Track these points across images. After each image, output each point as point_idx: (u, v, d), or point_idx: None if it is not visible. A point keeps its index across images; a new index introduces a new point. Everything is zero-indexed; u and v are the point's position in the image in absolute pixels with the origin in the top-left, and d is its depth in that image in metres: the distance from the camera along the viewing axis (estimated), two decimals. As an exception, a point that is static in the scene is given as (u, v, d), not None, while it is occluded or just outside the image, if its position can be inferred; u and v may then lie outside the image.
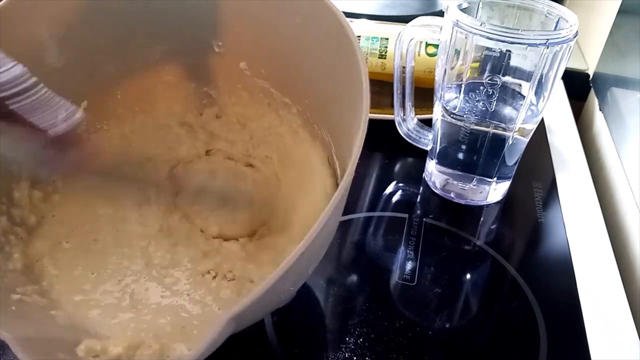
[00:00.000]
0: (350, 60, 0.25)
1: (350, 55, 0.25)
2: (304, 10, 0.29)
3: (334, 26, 0.27)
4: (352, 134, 0.24)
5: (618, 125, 0.48)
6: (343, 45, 0.26)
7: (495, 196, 0.42)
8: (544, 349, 0.31)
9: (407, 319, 0.33)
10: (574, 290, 0.35)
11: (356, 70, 0.25)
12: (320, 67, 0.30)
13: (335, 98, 0.29)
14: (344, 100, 0.28)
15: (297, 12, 0.30)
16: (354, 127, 0.24)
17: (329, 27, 0.27)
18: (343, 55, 0.26)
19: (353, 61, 0.25)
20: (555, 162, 0.48)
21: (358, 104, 0.24)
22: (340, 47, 0.27)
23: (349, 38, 0.26)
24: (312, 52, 0.30)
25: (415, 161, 0.47)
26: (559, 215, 0.41)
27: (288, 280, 0.23)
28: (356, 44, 0.25)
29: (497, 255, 0.38)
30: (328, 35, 0.28)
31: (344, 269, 0.36)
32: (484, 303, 0.35)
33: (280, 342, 0.31)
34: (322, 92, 0.31)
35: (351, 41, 0.25)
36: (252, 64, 0.35)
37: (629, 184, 0.43)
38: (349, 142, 0.25)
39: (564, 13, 0.35)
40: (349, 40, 0.26)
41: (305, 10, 0.29)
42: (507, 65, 0.35)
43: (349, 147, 0.24)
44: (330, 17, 0.27)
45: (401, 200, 0.43)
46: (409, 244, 0.38)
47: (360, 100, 0.24)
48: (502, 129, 0.37)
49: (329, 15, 0.27)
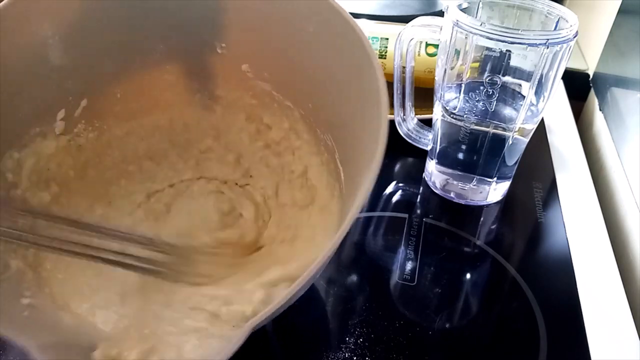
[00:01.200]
0: (361, 67, 0.25)
1: (363, 62, 0.25)
2: (317, 18, 0.29)
3: (348, 37, 0.26)
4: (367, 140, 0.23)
5: (618, 125, 0.48)
6: (354, 52, 0.26)
7: (495, 196, 0.42)
8: (544, 349, 0.31)
9: (407, 319, 0.33)
10: (574, 290, 0.35)
11: (372, 80, 0.24)
12: (328, 72, 0.30)
13: (344, 102, 0.29)
14: (352, 104, 0.27)
15: (309, 20, 0.29)
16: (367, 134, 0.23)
17: (339, 33, 0.27)
18: (352, 62, 0.26)
19: (366, 69, 0.25)
20: (555, 162, 0.48)
21: (374, 111, 0.24)
22: (350, 54, 0.26)
23: (365, 50, 0.25)
24: (321, 59, 0.30)
25: (415, 161, 0.47)
26: (559, 215, 0.41)
27: (302, 290, 0.23)
28: (372, 54, 0.25)
29: (497, 255, 0.38)
30: (337, 41, 0.28)
31: (344, 269, 0.36)
32: (484, 303, 0.35)
33: (280, 342, 0.31)
34: (328, 96, 0.31)
35: (368, 54, 0.25)
36: (255, 66, 0.35)
37: (629, 184, 0.43)
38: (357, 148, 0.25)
39: (564, 13, 0.35)
40: (364, 51, 0.25)
41: (318, 18, 0.29)
42: (507, 65, 0.35)
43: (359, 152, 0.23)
44: (345, 27, 0.26)
45: (401, 200, 0.43)
46: (409, 244, 0.38)
47: (379, 110, 0.23)
48: (502, 129, 0.37)
49: (340, 22, 0.27)
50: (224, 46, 0.35)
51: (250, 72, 0.35)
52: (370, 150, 0.23)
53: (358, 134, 0.27)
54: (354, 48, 0.26)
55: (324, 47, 0.29)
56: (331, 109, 0.31)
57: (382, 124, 0.23)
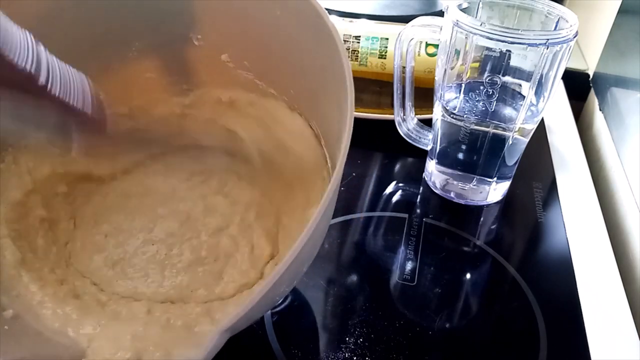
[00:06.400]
0: (332, 54, 0.25)
1: (332, 49, 0.25)
2: (282, 3, 0.29)
3: (312, 19, 0.26)
4: (339, 129, 0.23)
5: (618, 125, 0.48)
6: (323, 38, 0.26)
7: (495, 196, 0.42)
8: (544, 349, 0.31)
9: (407, 319, 0.33)
10: (574, 290, 0.35)
11: (339, 65, 0.24)
12: (303, 59, 0.30)
13: (321, 89, 0.29)
14: (329, 92, 0.27)
15: (275, 4, 0.30)
16: (340, 122, 0.23)
17: (307, 19, 0.27)
18: (324, 49, 0.26)
19: (335, 56, 0.25)
20: (555, 162, 0.48)
21: (343, 99, 0.24)
22: (320, 41, 0.26)
23: (329, 31, 0.25)
24: (293, 44, 0.30)
25: (415, 161, 0.47)
26: (559, 215, 0.41)
27: (280, 286, 0.22)
28: (337, 37, 0.25)
29: (497, 255, 0.38)
30: (307, 28, 0.28)
31: (344, 269, 0.36)
32: (484, 303, 0.35)
33: (280, 342, 0.31)
34: (307, 83, 0.31)
35: (332, 35, 0.25)
36: (234, 55, 0.35)
37: (629, 184, 0.43)
38: (336, 135, 0.25)
39: (564, 13, 0.35)
40: (329, 34, 0.25)
41: (283, 2, 0.29)
42: (507, 65, 0.35)
43: (337, 141, 0.23)
44: (308, 9, 0.26)
45: (401, 200, 0.43)
46: (409, 244, 0.38)
47: (345, 97, 0.23)
48: (502, 129, 0.37)
49: (307, 8, 0.27)
50: (199, 37, 0.34)
51: (230, 62, 0.35)
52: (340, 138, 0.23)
53: (335, 119, 0.26)
54: (320, 31, 0.26)
55: (294, 32, 0.29)
56: (310, 95, 0.31)
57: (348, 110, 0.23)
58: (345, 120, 0.23)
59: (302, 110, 0.33)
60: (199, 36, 0.34)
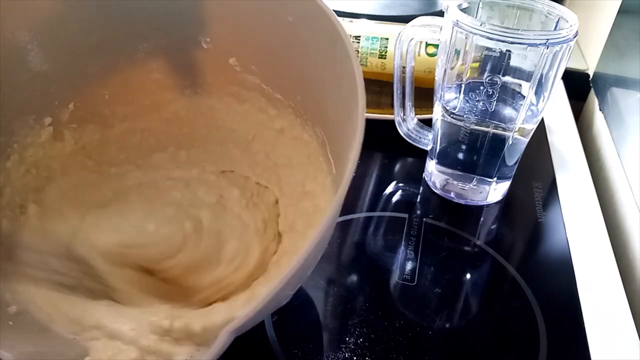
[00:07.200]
0: (342, 59, 0.25)
1: (343, 55, 0.25)
2: (295, 9, 0.29)
3: (325, 26, 0.26)
4: (347, 134, 0.23)
5: (618, 125, 0.48)
6: (334, 44, 0.26)
7: (495, 196, 0.42)
8: (544, 349, 0.31)
9: (407, 319, 0.33)
10: (574, 290, 0.35)
11: (350, 70, 0.24)
12: (311, 65, 0.30)
13: (328, 96, 0.29)
14: (336, 98, 0.27)
15: (287, 10, 0.29)
16: (348, 127, 0.23)
17: (320, 26, 0.27)
18: (334, 55, 0.26)
19: (346, 61, 0.24)
20: (555, 162, 0.48)
21: (353, 105, 0.24)
22: (330, 47, 0.26)
23: (341, 37, 0.25)
24: (303, 50, 0.30)
25: (415, 161, 0.47)
26: (559, 215, 0.41)
27: (287, 289, 0.23)
28: (348, 43, 0.25)
29: (497, 255, 0.38)
30: (318, 34, 0.28)
31: (344, 269, 0.36)
32: (484, 303, 0.35)
33: (280, 342, 0.31)
34: (314, 89, 0.31)
35: (343, 41, 0.25)
36: (242, 59, 0.35)
37: (629, 184, 0.43)
38: (343, 140, 0.25)
39: (564, 13, 0.35)
40: (340, 40, 0.25)
41: (296, 9, 0.29)
42: (507, 65, 0.35)
43: (344, 146, 0.23)
44: (322, 17, 0.26)
45: (401, 200, 0.43)
46: (409, 244, 0.38)
47: (356, 104, 0.23)
48: (502, 129, 0.37)
49: (320, 15, 0.27)
50: (208, 40, 0.34)
51: (237, 65, 0.35)
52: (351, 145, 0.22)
53: (343, 127, 0.26)
54: (331, 38, 0.26)
55: (304, 37, 0.29)
56: (317, 101, 0.31)
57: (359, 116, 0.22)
58: (356, 125, 0.22)
59: (308, 116, 0.33)
60: (208, 39, 0.34)
